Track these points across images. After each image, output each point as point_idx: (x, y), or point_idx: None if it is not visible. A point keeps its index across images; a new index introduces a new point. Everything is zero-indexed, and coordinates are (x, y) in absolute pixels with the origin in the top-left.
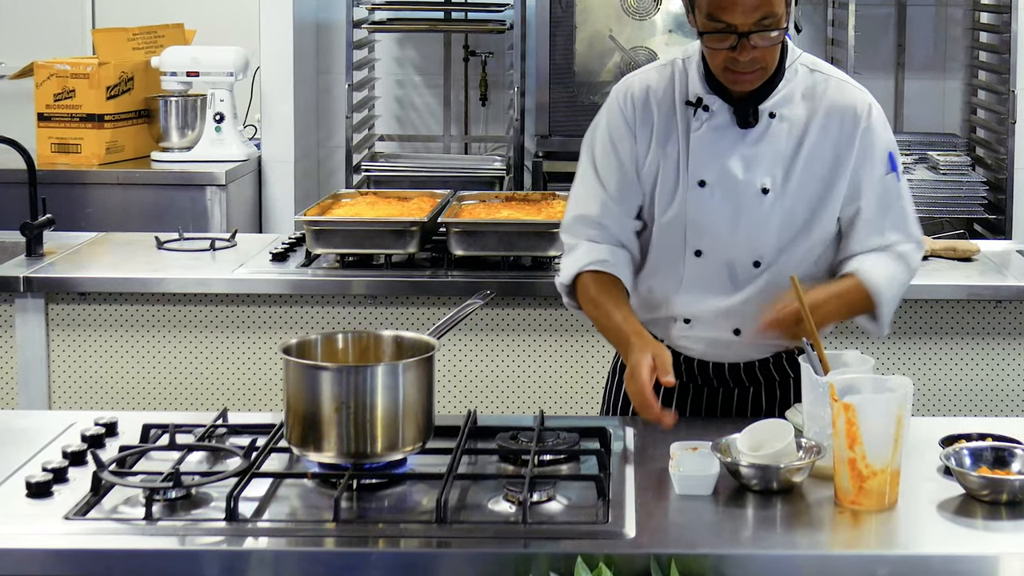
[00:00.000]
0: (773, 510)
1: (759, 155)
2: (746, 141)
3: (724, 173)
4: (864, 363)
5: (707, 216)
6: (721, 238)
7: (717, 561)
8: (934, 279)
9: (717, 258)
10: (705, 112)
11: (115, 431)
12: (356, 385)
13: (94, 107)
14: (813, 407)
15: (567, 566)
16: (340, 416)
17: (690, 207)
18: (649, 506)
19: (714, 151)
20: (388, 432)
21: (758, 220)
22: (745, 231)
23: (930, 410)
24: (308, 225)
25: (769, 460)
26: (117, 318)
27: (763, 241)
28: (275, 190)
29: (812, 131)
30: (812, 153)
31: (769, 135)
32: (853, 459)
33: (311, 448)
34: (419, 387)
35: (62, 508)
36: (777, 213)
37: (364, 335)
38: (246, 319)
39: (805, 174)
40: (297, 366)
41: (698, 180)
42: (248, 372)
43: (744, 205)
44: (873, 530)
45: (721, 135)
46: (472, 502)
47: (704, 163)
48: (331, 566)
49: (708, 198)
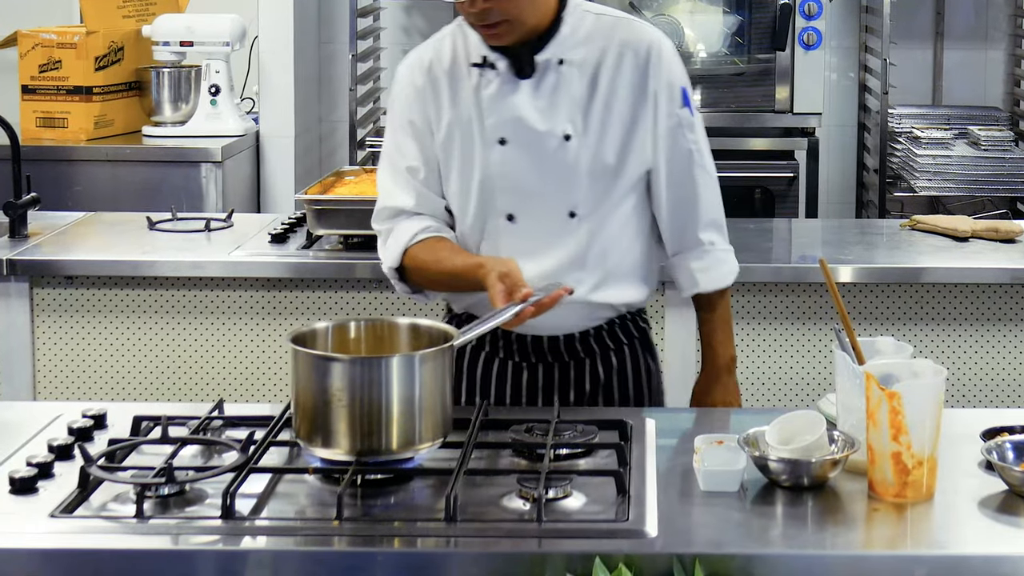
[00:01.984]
0: (804, 507)
1: (555, 104)
2: (539, 92)
3: (522, 126)
4: (901, 350)
5: (513, 173)
6: (532, 194)
7: (744, 562)
8: (975, 262)
9: (531, 218)
10: (492, 70)
11: (104, 423)
12: (370, 378)
13: (82, 79)
14: (848, 397)
15: (584, 567)
16: (353, 411)
17: (494, 168)
18: (672, 503)
19: (507, 106)
20: (404, 428)
21: (566, 168)
22: (555, 182)
23: (970, 401)
24: (309, 204)
25: (800, 454)
26: (106, 303)
27: (575, 190)
28: (274, 167)
29: (604, 71)
30: (609, 93)
31: (561, 82)
32: (898, 450)
33: (320, 444)
34: (437, 380)
35: (47, 505)
36: (584, 159)
37: (378, 323)
38: (243, 304)
39: (606, 114)
40: (307, 357)
41: (498, 139)
42: (245, 361)
43: (549, 155)
44: (910, 528)
45: (510, 89)
46: (483, 499)
47: (500, 120)
48: (334, 567)
49: (511, 155)
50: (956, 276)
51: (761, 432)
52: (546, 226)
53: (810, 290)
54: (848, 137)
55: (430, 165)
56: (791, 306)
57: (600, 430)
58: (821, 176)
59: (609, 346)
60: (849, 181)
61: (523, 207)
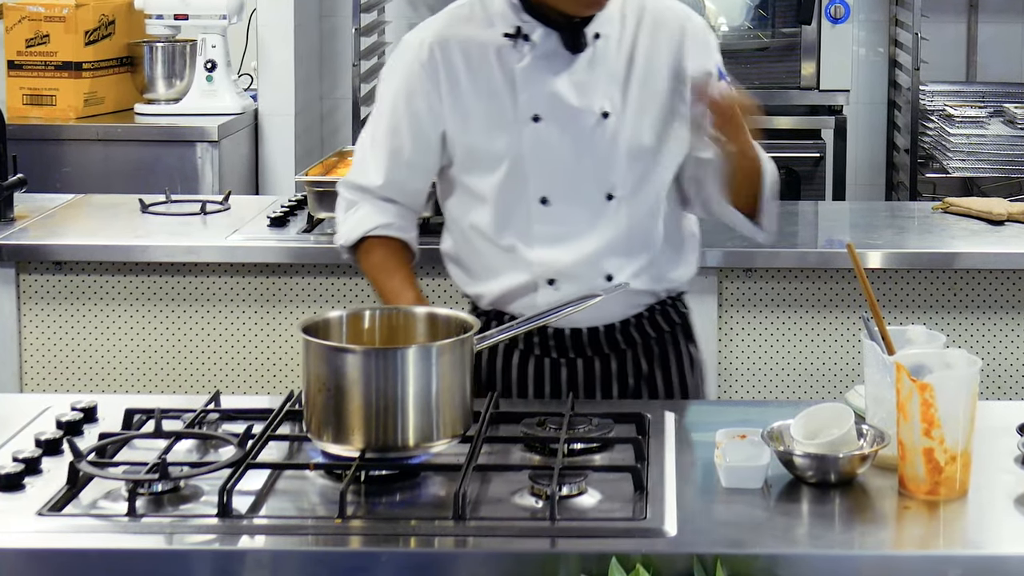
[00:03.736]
0: (831, 505)
1: (593, 79)
2: (577, 66)
3: (558, 103)
4: (934, 340)
5: (548, 153)
6: (567, 174)
7: (768, 562)
8: (1010, 246)
9: (567, 201)
10: (526, 42)
11: (94, 417)
12: (385, 370)
13: (71, 54)
14: (878, 389)
15: (600, 567)
16: (367, 405)
17: (527, 146)
18: (692, 501)
19: (543, 80)
20: (421, 423)
21: (604, 147)
22: (592, 162)
23: (1006, 393)
24: (310, 186)
25: (827, 449)
26: (97, 290)
27: (613, 171)
28: (273, 147)
29: (641, 47)
30: (647, 69)
31: (598, 57)
32: (931, 445)
33: (331, 440)
34: (456, 372)
35: (35, 503)
36: (623, 137)
37: (394, 312)
38: (240, 292)
39: (644, 92)
40: (319, 347)
41: (531, 115)
42: (243, 351)
43: (586, 134)
44: (943, 527)
45: (549, 63)
46: (494, 496)
47: (534, 96)
48: (336, 567)
49: (546, 133)
50: (991, 262)
51: (786, 426)
52: (582, 209)
53: (837, 276)
54: (877, 115)
55: (419, 147)
56: (817, 293)
57: (616, 423)
58: (849, 156)
59: (650, 335)
60: (878, 162)
61: (558, 189)
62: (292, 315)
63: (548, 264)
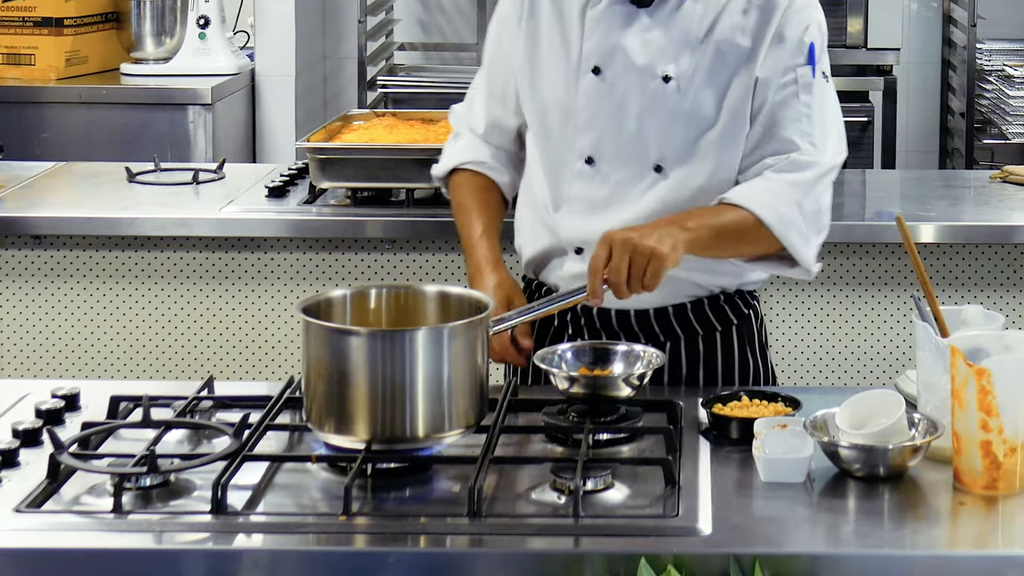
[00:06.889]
0: (879, 501)
1: (665, 39)
2: (651, 21)
3: (621, 56)
4: (992, 320)
5: (602, 108)
6: (618, 136)
7: (811, 563)
8: None
9: (612, 164)
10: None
11: (77, 404)
12: (393, 354)
13: (51, 9)
14: (930, 375)
15: (628, 568)
16: (372, 392)
17: (581, 99)
18: (728, 496)
19: (611, 31)
20: (431, 412)
21: (661, 113)
22: (646, 126)
23: None
24: (312, 153)
25: (875, 440)
26: (79, 267)
27: (666, 141)
28: (272, 111)
29: (727, 15)
30: (725, 38)
31: (679, 16)
32: (988, 435)
33: (333, 430)
34: (470, 356)
35: (12, 498)
36: (683, 107)
37: (402, 291)
38: (236, 268)
39: (716, 62)
40: (320, 329)
41: (592, 66)
42: (239, 333)
43: (645, 95)
44: (1001, 525)
45: (619, 12)
46: (512, 491)
47: (600, 46)
48: (340, 569)
49: (603, 88)
50: None
51: (831, 414)
52: (627, 176)
53: (887, 251)
54: (930, 76)
55: (509, 78)
56: (864, 270)
57: (645, 412)
58: (899, 121)
59: (697, 331)
60: (931, 127)
61: (605, 150)
62: (292, 294)
63: (578, 230)
